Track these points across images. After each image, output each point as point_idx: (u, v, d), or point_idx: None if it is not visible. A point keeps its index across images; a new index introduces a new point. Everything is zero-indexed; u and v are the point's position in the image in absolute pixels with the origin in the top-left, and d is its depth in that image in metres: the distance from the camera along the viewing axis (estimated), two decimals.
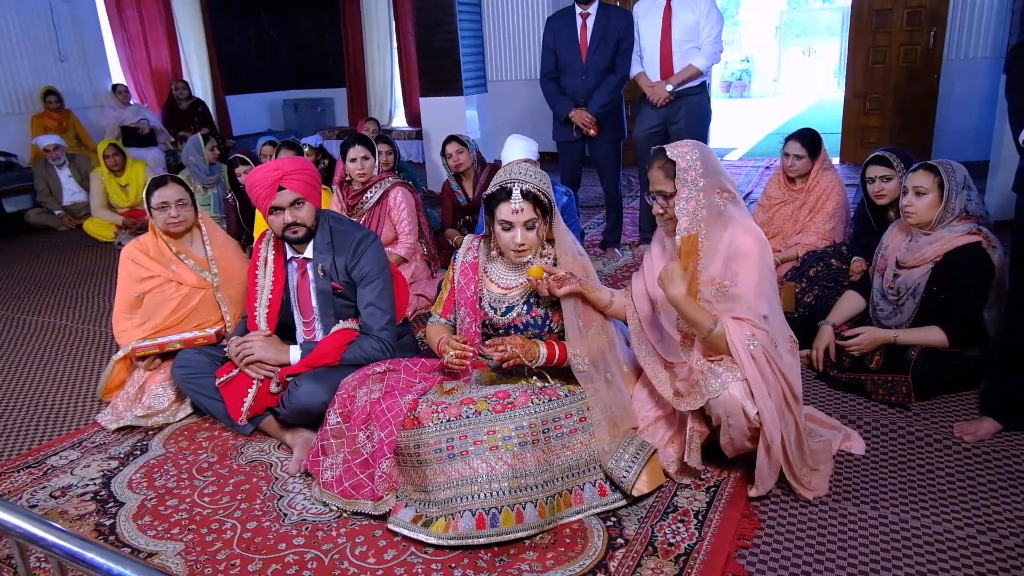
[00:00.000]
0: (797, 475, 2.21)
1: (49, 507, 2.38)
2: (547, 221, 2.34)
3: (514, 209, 2.24)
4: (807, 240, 3.71)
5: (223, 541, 2.15)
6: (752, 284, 2.16)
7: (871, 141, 7.47)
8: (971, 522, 2.07)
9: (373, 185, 4.09)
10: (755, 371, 2.08)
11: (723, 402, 2.07)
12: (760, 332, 2.12)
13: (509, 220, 2.27)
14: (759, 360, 2.09)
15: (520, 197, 2.24)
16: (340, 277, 2.70)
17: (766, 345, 2.12)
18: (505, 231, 2.30)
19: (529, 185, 2.25)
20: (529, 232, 2.28)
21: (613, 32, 4.53)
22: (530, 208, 2.25)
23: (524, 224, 2.27)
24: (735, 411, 2.07)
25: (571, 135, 4.73)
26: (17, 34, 7.42)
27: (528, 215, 2.26)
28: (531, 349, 2.29)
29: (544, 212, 2.31)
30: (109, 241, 6.17)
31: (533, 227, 2.29)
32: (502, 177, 2.30)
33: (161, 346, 2.94)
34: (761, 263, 2.18)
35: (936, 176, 2.70)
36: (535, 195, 2.26)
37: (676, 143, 2.25)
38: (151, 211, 2.98)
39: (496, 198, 2.29)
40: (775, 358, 2.13)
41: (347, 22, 10.53)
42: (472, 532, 2.03)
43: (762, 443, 2.11)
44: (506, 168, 2.34)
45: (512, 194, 2.24)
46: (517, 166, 2.33)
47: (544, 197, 2.29)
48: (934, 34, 7.09)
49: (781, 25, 22.22)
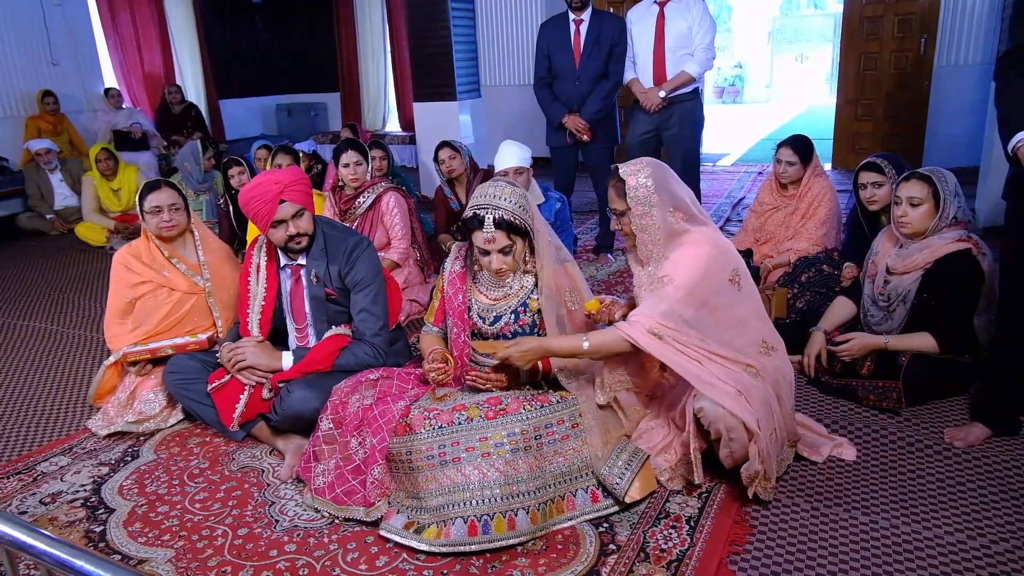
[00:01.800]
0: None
1: (39, 514, 2.37)
2: (527, 241, 2.33)
3: (486, 238, 2.24)
4: (799, 246, 3.73)
5: (214, 548, 2.14)
6: (682, 284, 2.15)
7: (863, 147, 7.52)
8: (961, 527, 2.08)
9: (366, 190, 4.09)
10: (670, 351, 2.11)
11: (722, 417, 2.08)
12: (657, 324, 2.12)
13: (484, 248, 2.27)
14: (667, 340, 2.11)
15: (492, 226, 2.23)
16: (333, 283, 2.70)
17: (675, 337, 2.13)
18: (483, 255, 2.31)
19: (502, 211, 2.23)
20: (506, 257, 2.29)
21: (606, 38, 4.55)
22: (503, 236, 2.24)
23: (499, 251, 2.27)
24: (735, 425, 2.08)
25: (564, 141, 4.75)
26: (9, 37, 7.39)
27: (502, 242, 2.25)
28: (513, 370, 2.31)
29: (523, 233, 2.30)
30: (101, 245, 6.15)
31: (509, 252, 2.29)
32: (477, 201, 2.27)
33: (153, 352, 2.93)
34: (703, 266, 2.17)
35: (930, 186, 2.71)
36: (509, 222, 2.24)
37: (631, 162, 2.26)
38: (144, 215, 2.98)
39: (470, 225, 2.28)
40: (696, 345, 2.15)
41: (341, 26, 10.55)
42: (464, 539, 2.02)
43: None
44: (483, 189, 2.31)
45: (485, 223, 2.23)
46: (494, 187, 2.29)
47: (519, 222, 2.26)
48: (924, 41, 7.15)
49: (773, 31, 22.35)
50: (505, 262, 2.29)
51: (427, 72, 7.04)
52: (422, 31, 6.88)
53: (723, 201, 6.76)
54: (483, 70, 8.83)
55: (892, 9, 7.27)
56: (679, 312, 2.14)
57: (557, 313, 2.32)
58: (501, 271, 2.32)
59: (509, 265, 2.31)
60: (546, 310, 2.31)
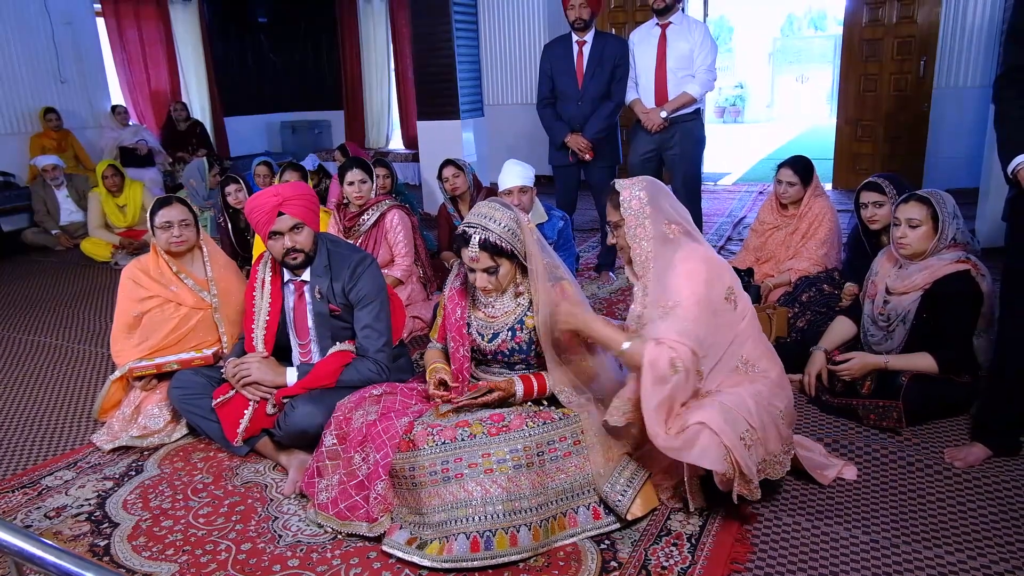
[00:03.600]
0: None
1: (43, 527, 2.38)
2: (515, 263, 2.35)
3: (471, 256, 2.28)
4: (799, 266, 3.75)
5: (218, 562, 2.15)
6: (690, 303, 2.17)
7: (863, 168, 7.57)
8: (961, 547, 2.09)
9: (370, 207, 4.12)
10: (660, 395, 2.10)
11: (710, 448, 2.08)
12: (685, 351, 2.12)
13: (470, 265, 2.32)
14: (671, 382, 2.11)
15: (477, 246, 2.26)
16: (337, 300, 2.72)
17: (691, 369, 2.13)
18: (469, 272, 2.35)
19: (489, 233, 2.25)
20: (490, 276, 2.32)
21: (609, 59, 4.60)
22: (487, 257, 2.27)
23: (483, 270, 2.30)
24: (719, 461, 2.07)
25: (567, 160, 4.78)
26: (18, 55, 7.48)
27: (485, 263, 2.28)
28: (508, 389, 2.32)
29: (509, 256, 2.31)
30: (106, 261, 6.19)
31: (494, 272, 2.31)
32: (470, 219, 2.31)
33: (158, 367, 2.95)
34: (703, 281, 2.20)
35: (928, 207, 2.74)
36: (494, 244, 2.26)
37: (628, 179, 2.32)
38: (154, 230, 3.02)
39: (458, 242, 2.32)
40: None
41: (345, 45, 10.64)
42: (466, 555, 2.04)
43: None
44: (478, 208, 2.34)
45: (470, 242, 2.27)
46: (488, 207, 2.32)
47: (506, 245, 2.28)
48: (924, 63, 7.21)
49: (774, 52, 22.51)
50: (489, 281, 2.32)
51: (431, 91, 7.10)
52: (426, 50, 6.93)
53: (724, 220, 6.80)
54: (486, 89, 8.90)
55: (892, 31, 7.34)
56: (694, 332, 2.15)
57: (553, 336, 2.32)
58: (486, 289, 2.35)
59: (493, 284, 2.34)
60: (541, 332, 2.32)
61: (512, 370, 2.44)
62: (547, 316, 2.31)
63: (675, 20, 4.52)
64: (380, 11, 10.27)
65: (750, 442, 2.12)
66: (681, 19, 4.56)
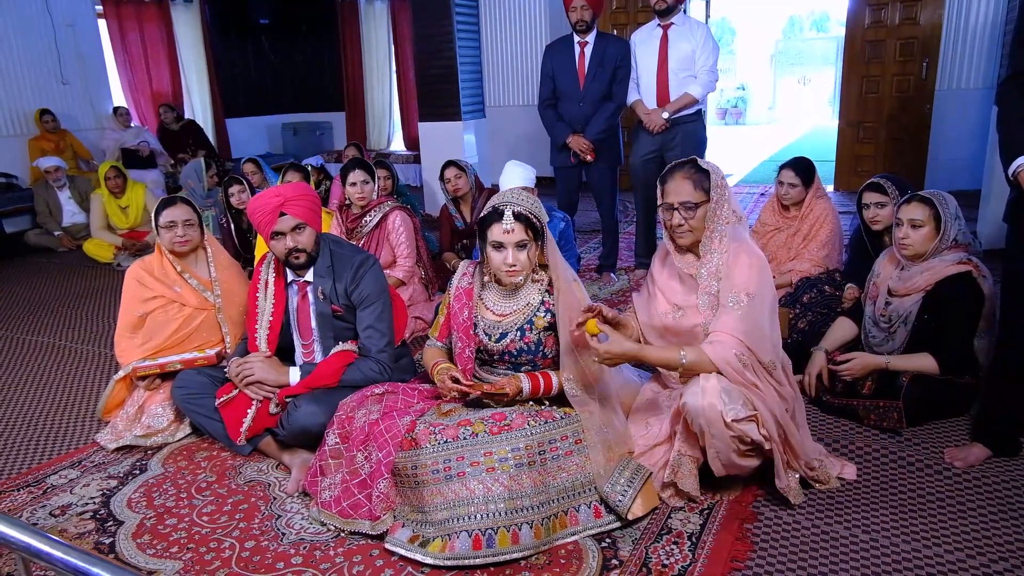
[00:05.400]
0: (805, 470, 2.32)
1: (49, 525, 2.39)
2: (539, 245, 2.38)
3: (505, 229, 2.29)
4: (801, 267, 3.76)
5: (222, 560, 2.17)
6: (762, 296, 2.23)
7: (864, 169, 7.57)
8: (961, 546, 2.10)
9: (372, 209, 4.14)
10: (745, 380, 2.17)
11: (703, 411, 2.11)
12: (744, 349, 2.17)
13: (500, 240, 2.31)
14: (747, 371, 2.18)
15: (512, 218, 2.28)
16: (340, 300, 2.74)
17: (753, 364, 2.18)
18: (496, 252, 2.34)
19: (521, 207, 2.30)
20: (520, 253, 2.32)
21: (610, 61, 4.61)
22: (521, 229, 2.30)
23: (515, 244, 2.31)
24: (714, 419, 2.11)
25: (568, 161, 4.80)
26: (20, 56, 7.50)
27: (519, 236, 2.30)
28: (514, 384, 2.33)
29: (536, 236, 2.35)
30: (108, 262, 6.21)
31: (524, 248, 2.33)
32: (495, 200, 2.36)
33: (161, 366, 2.96)
34: (767, 274, 2.27)
35: (931, 208, 2.75)
36: (527, 217, 2.30)
37: (699, 159, 2.34)
38: (158, 230, 3.03)
39: (488, 219, 2.33)
40: (770, 372, 2.20)
41: (347, 47, 10.67)
42: (468, 552, 2.05)
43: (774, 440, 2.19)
44: (500, 194, 2.40)
45: (504, 215, 2.28)
46: (511, 192, 2.38)
47: (536, 220, 2.33)
48: (926, 65, 7.22)
49: (776, 54, 22.52)
50: (518, 258, 2.32)
51: (432, 92, 7.11)
52: (428, 52, 6.95)
53: None
54: (488, 91, 8.92)
55: (894, 33, 7.36)
56: (761, 326, 2.20)
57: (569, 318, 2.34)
58: (514, 269, 2.33)
59: (522, 264, 2.33)
60: (560, 312, 2.34)
61: (518, 371, 2.45)
62: (567, 294, 2.35)
63: (677, 21, 4.54)
64: (381, 12, 10.29)
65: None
66: (683, 20, 4.57)
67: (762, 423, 2.15)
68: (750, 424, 2.14)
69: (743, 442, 2.16)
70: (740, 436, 2.14)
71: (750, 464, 2.25)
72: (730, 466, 2.22)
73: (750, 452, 2.21)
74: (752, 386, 2.17)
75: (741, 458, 2.20)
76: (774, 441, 2.18)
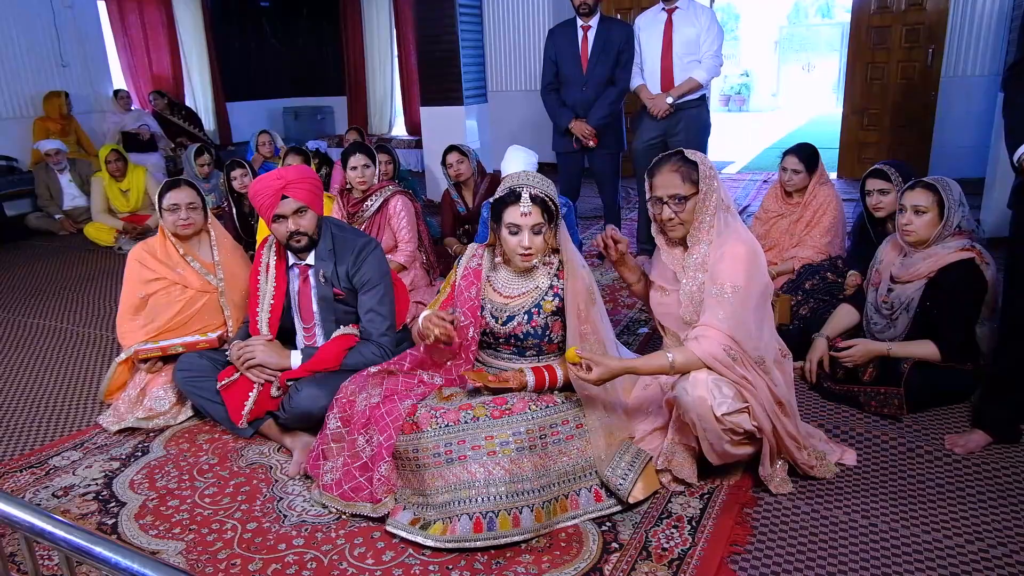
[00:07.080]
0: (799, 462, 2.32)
1: (51, 506, 2.40)
2: (552, 228, 2.37)
3: (523, 212, 2.27)
4: (803, 254, 3.76)
5: (224, 541, 2.18)
6: (745, 288, 2.18)
7: (868, 157, 7.53)
8: (960, 532, 2.11)
9: (374, 193, 4.13)
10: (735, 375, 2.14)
11: (693, 405, 2.11)
12: (731, 343, 2.14)
13: (517, 223, 2.29)
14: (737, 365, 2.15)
15: (529, 200, 2.27)
16: (341, 283, 2.74)
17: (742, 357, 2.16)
18: (512, 235, 2.32)
19: (538, 190, 2.29)
20: (536, 237, 2.31)
21: (614, 45, 4.59)
22: (538, 212, 2.29)
23: (531, 228, 2.29)
24: (704, 413, 2.11)
25: (571, 146, 4.78)
26: (20, 39, 7.47)
27: (536, 219, 2.29)
28: (519, 379, 2.32)
29: (550, 219, 2.34)
30: (109, 246, 6.20)
31: (540, 232, 2.31)
32: (511, 182, 2.33)
33: (163, 349, 2.96)
34: (757, 264, 2.22)
35: (935, 194, 2.74)
36: (543, 200, 2.29)
37: (684, 151, 2.30)
38: (162, 212, 3.04)
39: (504, 202, 2.31)
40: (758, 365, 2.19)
41: (348, 31, 10.61)
42: (469, 535, 2.06)
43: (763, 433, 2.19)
44: (513, 175, 2.38)
45: (522, 198, 2.27)
46: (524, 173, 2.37)
47: (552, 203, 2.32)
48: (932, 52, 7.17)
49: (781, 40, 22.38)
50: (534, 242, 2.30)
51: (434, 77, 7.08)
52: (430, 36, 6.91)
53: None
54: (490, 75, 8.88)
55: (900, 19, 7.30)
56: (746, 320, 2.16)
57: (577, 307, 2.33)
58: (529, 252, 2.32)
59: (537, 246, 2.32)
60: (568, 297, 2.33)
61: (523, 356, 2.45)
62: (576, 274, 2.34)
63: (681, 5, 4.51)
64: None
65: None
66: (687, 4, 4.54)
67: (754, 416, 2.14)
68: (742, 416, 2.14)
69: (735, 433, 2.16)
70: (732, 428, 2.14)
71: (745, 451, 2.25)
72: (725, 455, 2.22)
73: (744, 441, 2.21)
74: (742, 380, 2.14)
75: (735, 447, 2.20)
76: (765, 433, 2.18)
